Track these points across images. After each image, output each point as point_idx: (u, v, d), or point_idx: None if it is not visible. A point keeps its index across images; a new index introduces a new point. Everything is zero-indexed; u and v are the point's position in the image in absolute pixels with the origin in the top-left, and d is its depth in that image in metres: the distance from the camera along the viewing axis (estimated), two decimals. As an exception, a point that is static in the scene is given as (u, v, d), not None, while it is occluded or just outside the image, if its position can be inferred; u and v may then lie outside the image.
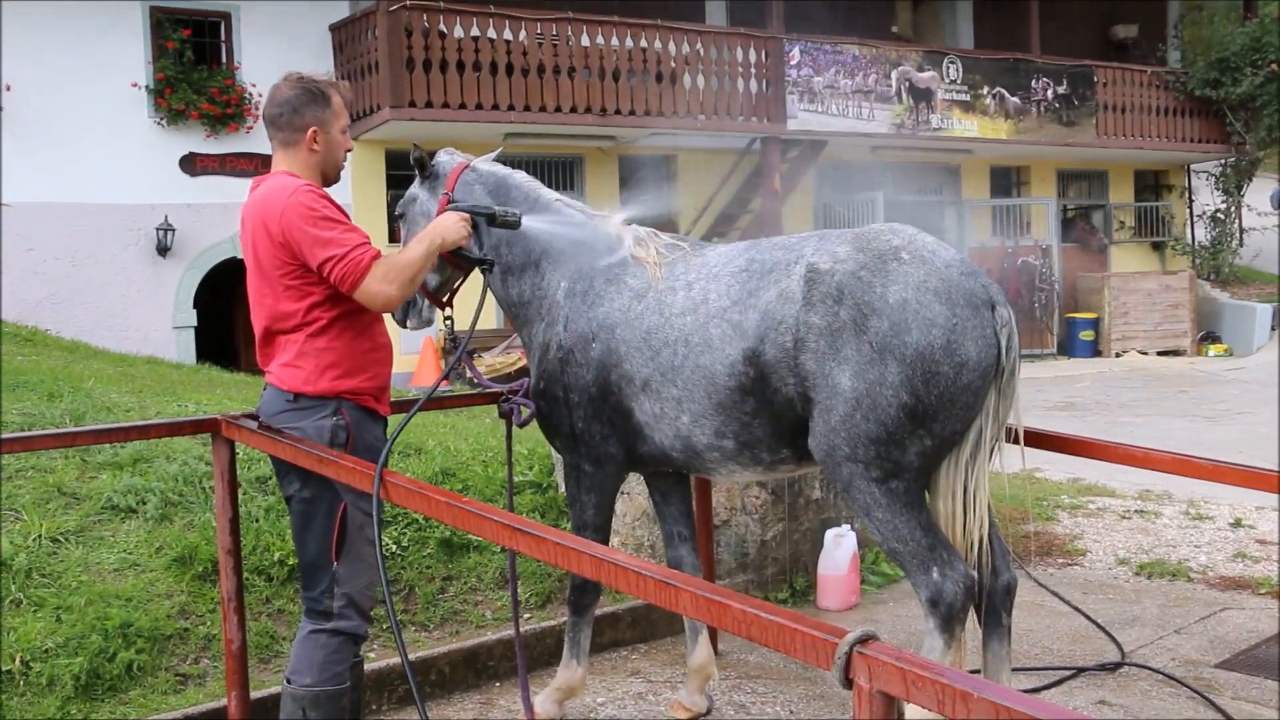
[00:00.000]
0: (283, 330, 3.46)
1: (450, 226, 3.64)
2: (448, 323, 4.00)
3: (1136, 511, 7.41)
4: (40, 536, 4.75)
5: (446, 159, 4.21)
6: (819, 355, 3.38)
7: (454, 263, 4.02)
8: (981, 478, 3.51)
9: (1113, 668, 4.75)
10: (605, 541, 4.10)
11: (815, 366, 3.39)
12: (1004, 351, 3.40)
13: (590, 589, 4.14)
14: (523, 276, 4.11)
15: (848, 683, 1.85)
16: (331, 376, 3.43)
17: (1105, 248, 22.68)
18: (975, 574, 3.50)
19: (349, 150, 3.68)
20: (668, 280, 3.82)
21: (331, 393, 3.43)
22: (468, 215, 3.76)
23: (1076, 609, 5.42)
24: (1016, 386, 3.50)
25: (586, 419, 3.92)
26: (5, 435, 3.68)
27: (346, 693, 3.45)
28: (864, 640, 1.86)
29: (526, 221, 3.95)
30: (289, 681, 3.42)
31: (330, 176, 3.62)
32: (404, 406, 3.98)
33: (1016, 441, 3.70)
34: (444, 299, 4.10)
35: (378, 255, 3.37)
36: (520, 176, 4.23)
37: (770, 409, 3.54)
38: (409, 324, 4.18)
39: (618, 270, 3.94)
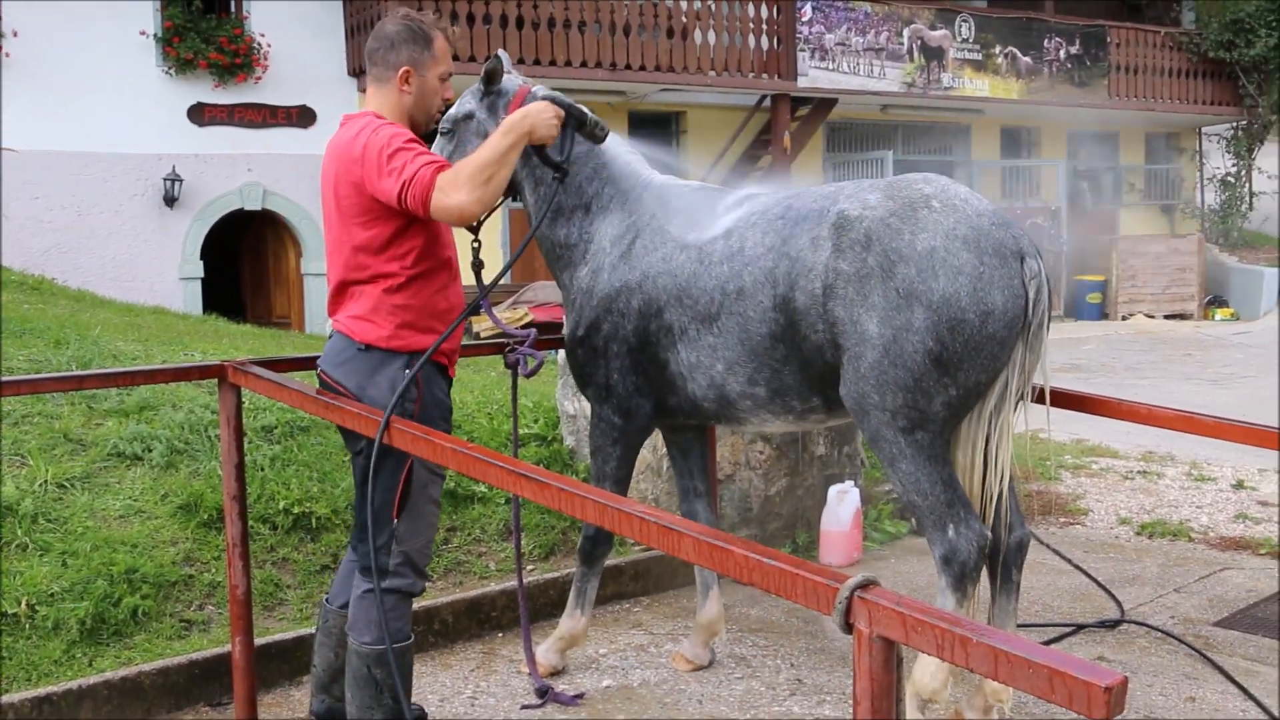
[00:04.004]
0: (358, 281, 3.34)
1: (542, 120, 3.42)
2: (475, 245, 3.84)
3: (1139, 472, 7.42)
4: (46, 482, 4.77)
5: (509, 79, 4.03)
6: (847, 301, 3.37)
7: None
8: (1005, 431, 3.52)
9: (1112, 625, 4.78)
10: (623, 495, 4.08)
11: (844, 313, 3.38)
12: (1031, 304, 3.39)
13: (603, 540, 4.15)
14: (571, 218, 4.02)
15: (848, 627, 1.86)
16: (407, 335, 3.33)
17: (1089, 210, 22.46)
18: (989, 533, 3.51)
19: (447, 100, 3.53)
20: (709, 229, 3.79)
21: (406, 349, 3.33)
22: (561, 110, 3.56)
23: (1077, 567, 5.44)
24: (1045, 340, 3.50)
25: (623, 371, 3.90)
26: (11, 378, 3.69)
27: (411, 648, 3.41)
28: (865, 585, 1.86)
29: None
30: (351, 636, 3.39)
31: (419, 123, 3.48)
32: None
33: (1041, 400, 3.69)
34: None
35: (439, 170, 3.15)
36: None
37: (800, 356, 3.55)
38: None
39: (661, 220, 3.91)
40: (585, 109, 3.71)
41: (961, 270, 3.28)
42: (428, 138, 3.69)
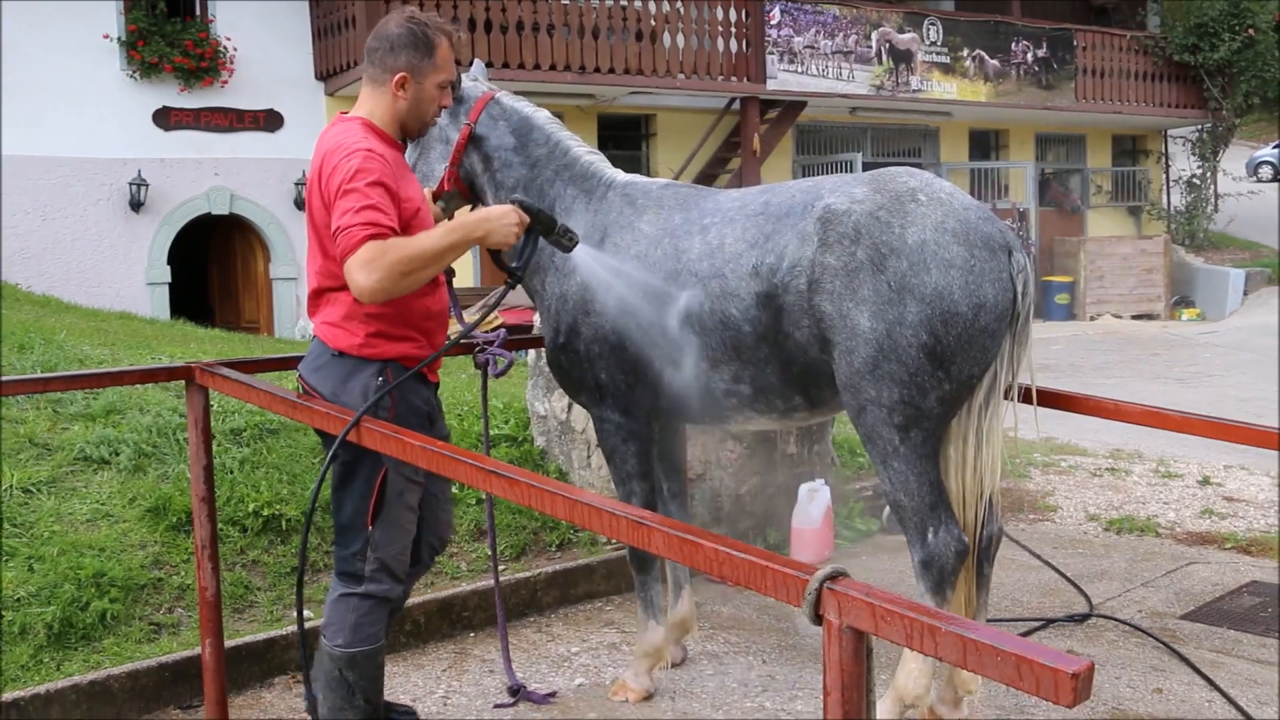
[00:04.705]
0: (330, 288, 3.27)
1: (500, 226, 3.21)
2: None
3: (1107, 469, 7.49)
4: (11, 487, 4.73)
5: (471, 85, 3.98)
6: (835, 296, 3.36)
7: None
8: (995, 425, 3.53)
9: (1081, 619, 4.81)
10: (652, 491, 4.02)
11: (831, 308, 3.37)
12: (1019, 296, 3.42)
13: None
14: None
15: (818, 619, 1.87)
16: (379, 343, 3.25)
17: (1079, 209, 22.76)
18: (966, 539, 3.53)
19: (444, 107, 3.42)
20: (683, 225, 3.75)
21: (378, 357, 3.26)
22: (524, 217, 3.30)
23: (1047, 563, 5.48)
24: (1030, 333, 3.53)
25: (610, 370, 3.83)
26: (-24, 380, 3.65)
27: (382, 650, 3.39)
28: (834, 577, 1.87)
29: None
30: (323, 638, 3.36)
31: (412, 131, 3.38)
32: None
33: (1027, 400, 3.70)
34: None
35: (374, 237, 2.98)
36: (543, 117, 4.01)
37: (782, 354, 3.53)
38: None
39: (630, 217, 3.85)
40: (555, 218, 3.45)
41: (953, 264, 3.29)
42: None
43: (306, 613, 4.52)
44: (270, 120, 15.36)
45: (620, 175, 4.03)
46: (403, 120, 3.33)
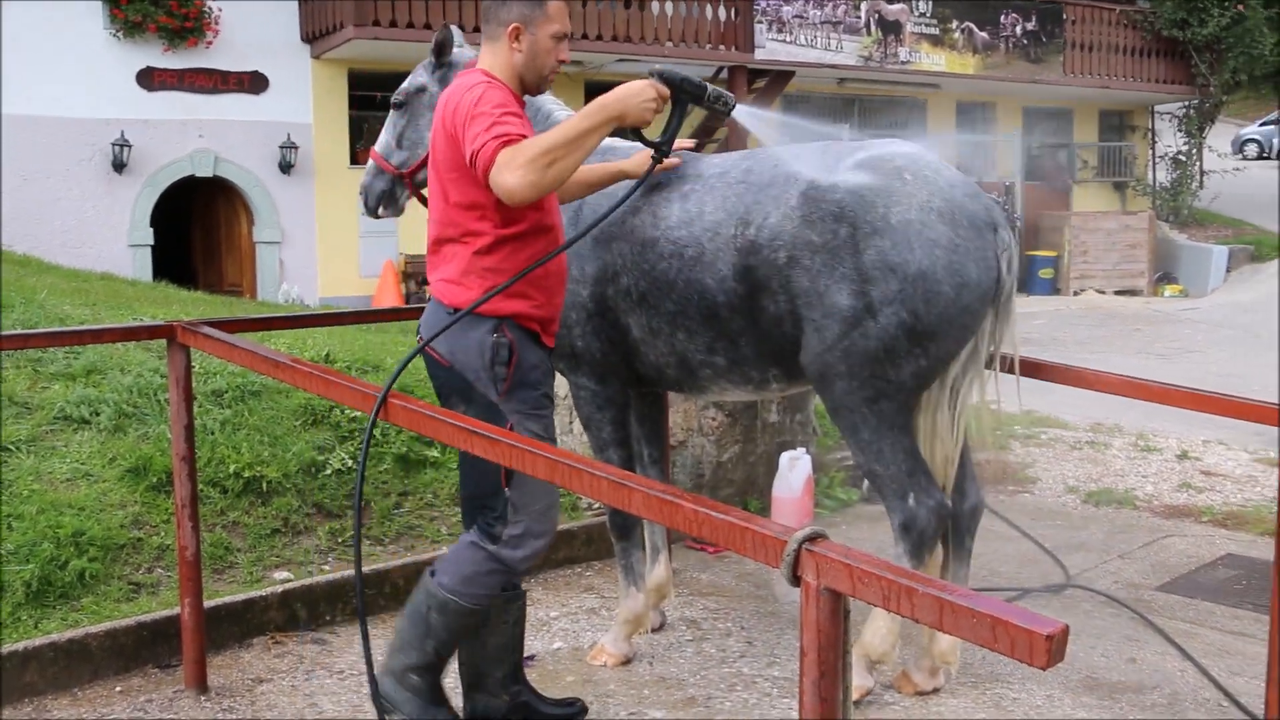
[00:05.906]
0: (450, 239, 3.19)
1: (636, 104, 3.02)
2: None
3: (1087, 442, 7.53)
4: (-9, 445, 4.71)
5: (460, 51, 3.93)
6: (813, 273, 3.34)
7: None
8: (966, 399, 3.55)
9: (1058, 589, 4.85)
10: (630, 459, 4.01)
11: (809, 284, 3.35)
12: (1003, 274, 3.42)
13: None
14: None
15: (796, 580, 1.87)
16: (496, 299, 3.13)
17: (1067, 189, 22.80)
18: (949, 503, 3.54)
19: (562, 62, 3.29)
20: (663, 192, 3.70)
21: (494, 314, 3.16)
22: (664, 88, 3.11)
23: (1025, 534, 5.52)
24: (1013, 309, 3.53)
25: (586, 336, 3.80)
26: (-46, 336, 3.63)
27: (476, 615, 3.25)
28: (813, 538, 1.88)
29: None
30: (431, 573, 3.27)
31: (530, 85, 3.25)
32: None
33: (1009, 371, 3.71)
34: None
35: (509, 141, 2.90)
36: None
37: (756, 327, 3.51)
38: (380, 211, 3.94)
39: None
40: (705, 82, 3.22)
41: (938, 243, 3.28)
42: None
43: (285, 574, 4.54)
44: (255, 82, 15.25)
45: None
46: (520, 73, 3.24)
